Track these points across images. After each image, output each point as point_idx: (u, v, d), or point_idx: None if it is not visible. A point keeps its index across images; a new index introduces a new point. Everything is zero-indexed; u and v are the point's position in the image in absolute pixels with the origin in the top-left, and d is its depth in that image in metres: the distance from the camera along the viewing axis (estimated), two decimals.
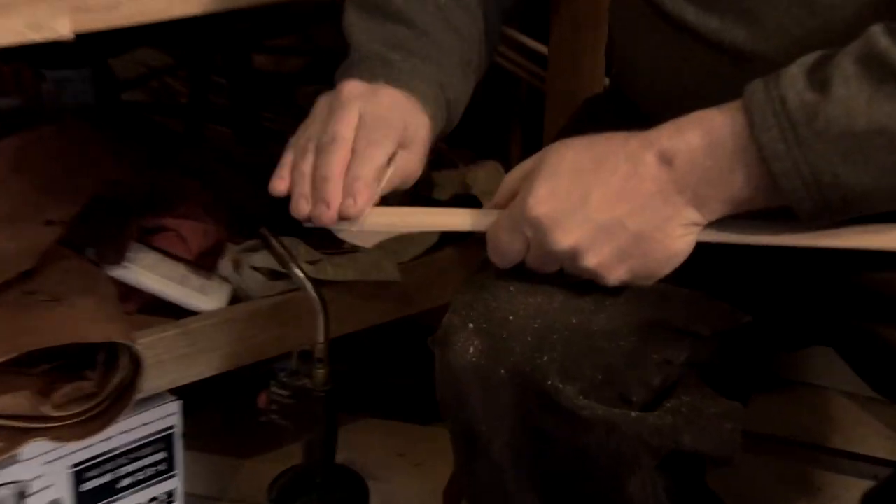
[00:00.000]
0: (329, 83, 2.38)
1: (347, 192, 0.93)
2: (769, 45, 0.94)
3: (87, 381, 1.18)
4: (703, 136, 0.87)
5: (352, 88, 0.98)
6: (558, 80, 1.62)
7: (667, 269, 0.90)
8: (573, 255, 0.90)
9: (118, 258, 1.32)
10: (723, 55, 0.96)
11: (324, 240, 1.48)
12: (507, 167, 1.64)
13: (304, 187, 0.94)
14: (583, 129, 1.14)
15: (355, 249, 1.46)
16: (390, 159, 0.96)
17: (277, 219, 1.47)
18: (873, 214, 0.88)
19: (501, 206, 0.94)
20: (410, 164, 0.99)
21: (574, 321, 0.92)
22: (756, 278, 1.01)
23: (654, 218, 0.89)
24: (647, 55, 1.03)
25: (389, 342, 1.74)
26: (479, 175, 1.56)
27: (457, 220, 0.96)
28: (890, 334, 0.97)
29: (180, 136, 1.97)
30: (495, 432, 0.94)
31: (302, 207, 0.94)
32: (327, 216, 0.93)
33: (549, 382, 0.90)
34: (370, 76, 1.01)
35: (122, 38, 1.18)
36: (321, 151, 0.95)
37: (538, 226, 0.90)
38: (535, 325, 0.92)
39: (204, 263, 1.39)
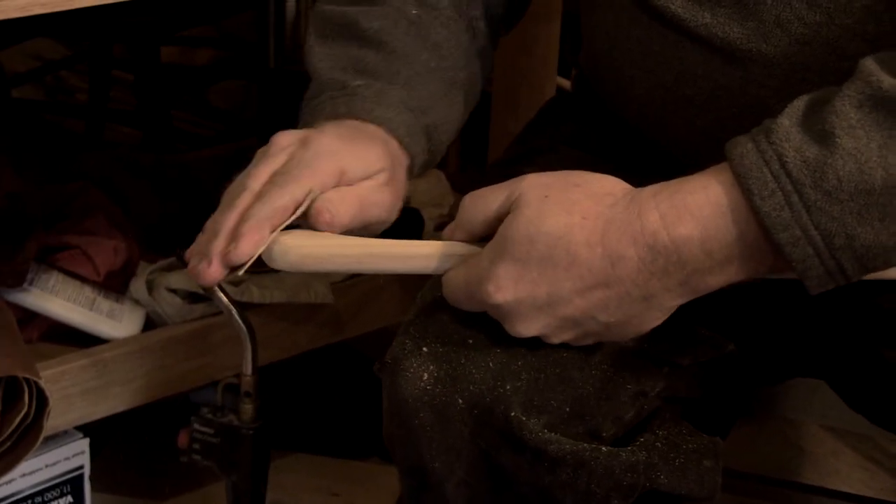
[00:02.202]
0: (242, 77, 2.36)
1: (233, 237, 0.92)
2: (767, 43, 0.95)
3: None
4: (694, 226, 0.86)
5: (281, 139, 0.98)
6: (506, 77, 1.64)
7: (636, 336, 0.92)
8: (537, 337, 0.92)
9: (17, 280, 1.32)
10: (714, 53, 0.96)
11: None
12: (444, 172, 1.66)
13: (198, 246, 0.94)
14: (543, 136, 1.15)
15: None
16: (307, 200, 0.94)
17: (193, 234, 1.47)
18: None
19: (461, 239, 0.94)
20: (376, 197, 0.97)
21: (542, 346, 0.93)
22: (743, 302, 1.02)
23: (630, 310, 0.89)
24: (625, 52, 1.03)
25: (321, 370, 1.74)
26: (419, 185, 1.57)
27: (410, 261, 0.95)
28: None
29: (80, 139, 1.96)
30: (450, 470, 0.93)
31: (189, 267, 0.94)
32: (207, 273, 0.92)
33: (512, 414, 0.90)
34: (332, 110, 1.01)
35: (10, 26, 1.17)
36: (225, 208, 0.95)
37: (498, 312, 0.91)
38: (498, 350, 0.93)
39: (113, 285, 1.39)
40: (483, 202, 0.92)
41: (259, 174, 0.95)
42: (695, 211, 0.86)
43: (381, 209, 0.98)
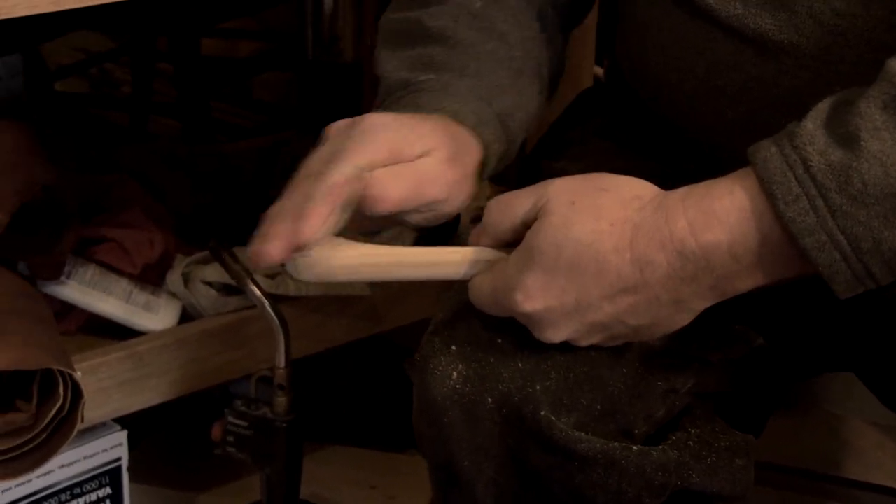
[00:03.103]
0: (282, 69, 2.36)
1: (296, 216, 0.90)
2: (799, 34, 0.93)
3: (20, 412, 1.17)
4: (721, 232, 0.85)
5: (333, 127, 0.97)
6: None
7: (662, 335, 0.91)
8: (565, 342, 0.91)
9: (54, 272, 1.32)
10: (746, 44, 0.95)
11: None
12: None
13: (258, 232, 0.92)
14: (575, 127, 1.14)
15: None
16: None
17: (231, 226, 1.47)
18: None
19: (488, 244, 0.93)
20: (434, 174, 0.94)
21: (571, 346, 0.91)
22: (772, 297, 0.98)
23: (659, 314, 0.88)
24: (657, 41, 1.01)
25: (359, 361, 1.74)
26: None
27: (439, 268, 0.93)
28: None
29: (122, 132, 1.96)
30: (479, 469, 0.93)
31: (249, 252, 0.91)
32: (264, 252, 0.89)
33: (542, 414, 0.89)
34: (396, 109, 0.99)
35: (55, 19, 1.17)
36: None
37: (527, 320, 0.90)
38: (527, 350, 0.91)
39: (150, 278, 1.39)
40: (509, 209, 0.91)
41: (312, 159, 0.94)
42: (722, 217, 0.85)
43: (440, 187, 0.94)
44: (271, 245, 0.89)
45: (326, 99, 1.74)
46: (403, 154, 0.93)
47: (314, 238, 0.90)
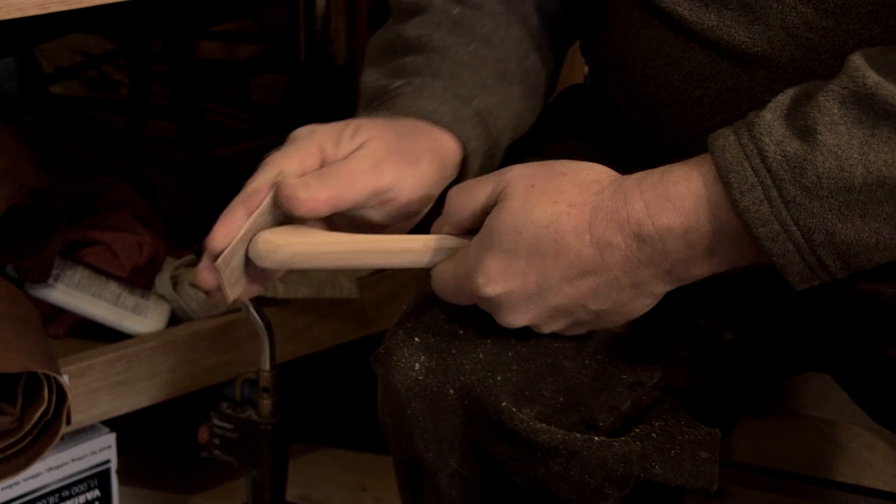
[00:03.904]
0: (277, 71, 2.38)
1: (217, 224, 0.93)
2: (773, 47, 0.95)
3: (5, 415, 1.20)
4: (676, 217, 0.87)
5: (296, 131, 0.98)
6: None
7: (626, 322, 0.93)
8: (528, 327, 0.93)
9: (42, 275, 1.35)
10: (720, 56, 0.97)
11: None
12: None
13: None
14: (555, 126, 1.16)
15: None
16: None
17: None
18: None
19: (449, 233, 0.95)
20: (364, 167, 0.94)
21: (532, 336, 0.94)
22: (744, 294, 1.02)
23: (619, 298, 0.90)
24: (636, 50, 1.03)
25: (348, 363, 1.75)
26: None
27: (400, 256, 0.95)
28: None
29: (117, 134, 1.98)
30: (443, 461, 0.95)
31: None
32: (199, 274, 0.93)
33: (503, 405, 0.91)
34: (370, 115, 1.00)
35: (47, 22, 1.20)
36: None
37: (488, 304, 0.92)
38: (489, 341, 0.94)
39: (138, 280, 1.42)
40: (469, 195, 0.93)
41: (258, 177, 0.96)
42: (677, 202, 0.87)
43: (376, 175, 0.95)
44: (200, 268, 0.93)
45: (319, 101, 1.76)
46: (335, 153, 0.95)
47: (224, 244, 0.92)
